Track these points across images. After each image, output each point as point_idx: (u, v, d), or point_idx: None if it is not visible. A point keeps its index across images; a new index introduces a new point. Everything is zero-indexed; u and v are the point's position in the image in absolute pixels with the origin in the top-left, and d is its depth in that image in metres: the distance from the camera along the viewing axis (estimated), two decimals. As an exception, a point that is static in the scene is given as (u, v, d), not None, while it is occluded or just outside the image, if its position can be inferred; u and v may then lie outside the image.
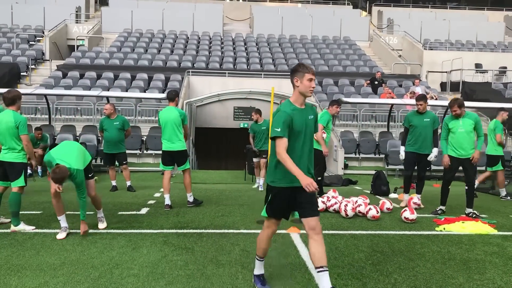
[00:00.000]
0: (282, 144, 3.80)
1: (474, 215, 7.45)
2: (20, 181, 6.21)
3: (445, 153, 7.68)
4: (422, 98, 8.19)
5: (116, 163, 10.10)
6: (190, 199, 8.09)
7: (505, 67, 23.13)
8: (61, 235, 5.80)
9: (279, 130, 3.79)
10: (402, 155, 8.37)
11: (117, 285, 4.18)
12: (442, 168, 8.04)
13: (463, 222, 6.81)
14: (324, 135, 8.78)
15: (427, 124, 8.03)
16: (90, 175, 6.22)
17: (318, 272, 3.78)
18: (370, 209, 7.19)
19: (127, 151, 10.48)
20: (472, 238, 6.13)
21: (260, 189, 10.46)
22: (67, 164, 5.63)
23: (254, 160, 10.84)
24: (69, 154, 5.75)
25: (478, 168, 9.37)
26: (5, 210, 6.69)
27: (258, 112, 10.61)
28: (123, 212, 7.45)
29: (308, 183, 3.63)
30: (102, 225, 6.42)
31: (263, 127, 10.41)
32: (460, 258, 5.23)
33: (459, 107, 7.46)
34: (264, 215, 4.14)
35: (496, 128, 10.03)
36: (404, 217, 7.05)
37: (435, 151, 8.12)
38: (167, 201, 7.90)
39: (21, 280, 4.28)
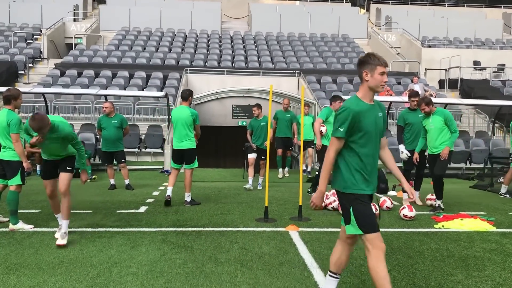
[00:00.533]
0: (338, 145, 3.45)
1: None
2: (17, 179, 6.18)
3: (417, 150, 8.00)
4: (416, 94, 8.25)
5: (115, 161, 10.10)
6: (188, 199, 8.08)
7: (504, 65, 23.14)
8: (61, 241, 5.32)
9: (342, 130, 3.38)
10: (405, 154, 8.20)
11: (116, 284, 4.17)
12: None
13: (461, 220, 6.81)
14: (324, 129, 8.75)
15: (421, 121, 8.06)
16: (68, 168, 5.73)
17: (332, 277, 3.81)
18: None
19: (125, 150, 10.47)
20: (471, 235, 6.13)
21: (259, 187, 10.35)
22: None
23: (249, 156, 10.39)
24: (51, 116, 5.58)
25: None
26: (3, 209, 6.67)
27: (260, 107, 10.46)
28: (122, 211, 7.44)
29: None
30: (62, 241, 5.33)
31: (262, 123, 10.24)
32: (459, 255, 5.23)
33: (426, 105, 7.61)
34: (358, 232, 3.50)
35: None
36: (403, 214, 7.06)
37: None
38: (169, 192, 7.96)
39: (20, 279, 4.27)
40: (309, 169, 12.54)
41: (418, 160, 8.00)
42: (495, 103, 15.64)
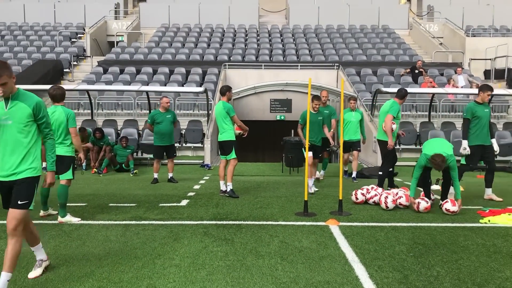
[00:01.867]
0: None
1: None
2: (68, 174, 6.48)
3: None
4: (490, 88, 7.95)
5: (165, 155, 10.30)
6: (227, 187, 8.30)
7: (554, 53, 22.05)
8: (34, 273, 4.23)
9: None
10: (467, 149, 7.87)
11: (160, 275, 4.28)
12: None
13: (509, 214, 6.58)
14: (394, 126, 8.31)
15: (488, 114, 7.88)
16: (20, 202, 3.85)
17: None
18: (419, 202, 7.05)
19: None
20: (519, 231, 5.92)
21: (312, 190, 8.75)
22: None
23: (309, 155, 8.47)
24: None
25: None
26: (52, 202, 6.95)
27: (318, 98, 8.86)
28: (164, 204, 7.60)
29: None
30: (33, 273, 4.23)
31: (319, 118, 8.84)
32: (507, 251, 5.06)
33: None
34: None
35: None
36: (445, 208, 6.89)
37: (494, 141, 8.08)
38: (222, 187, 8.43)
39: (69, 269, 4.45)
40: (354, 174, 10.71)
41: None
42: (546, 93, 14.94)
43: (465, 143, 7.91)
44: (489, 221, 6.41)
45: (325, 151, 10.10)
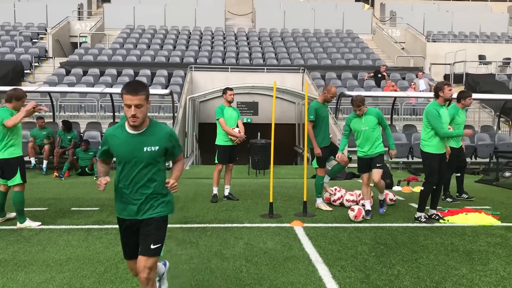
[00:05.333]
0: None
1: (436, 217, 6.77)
2: (17, 179, 6.06)
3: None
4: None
5: None
6: (225, 191, 8.38)
7: (509, 58, 22.99)
8: None
9: None
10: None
11: (123, 280, 4.23)
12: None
13: (466, 214, 6.82)
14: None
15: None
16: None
17: None
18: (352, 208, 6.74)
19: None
20: (476, 230, 6.14)
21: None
22: None
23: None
24: None
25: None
26: (9, 207, 6.74)
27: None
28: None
29: None
30: None
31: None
32: (464, 249, 5.25)
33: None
34: None
35: None
36: (389, 199, 7.70)
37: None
38: (226, 192, 8.38)
39: (28, 275, 4.33)
40: (368, 206, 6.98)
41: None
42: (501, 97, 15.56)
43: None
44: (447, 220, 6.63)
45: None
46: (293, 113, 19.69)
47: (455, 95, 7.60)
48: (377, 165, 6.86)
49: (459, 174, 8.47)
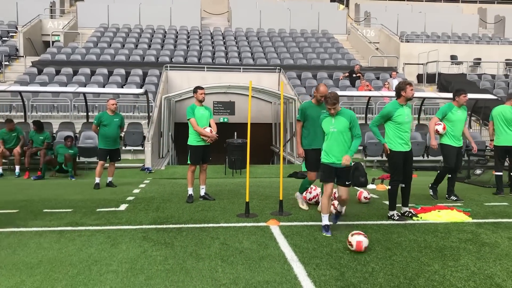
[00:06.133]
0: None
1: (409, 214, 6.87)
2: None
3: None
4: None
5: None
6: (201, 191, 8.30)
7: (480, 59, 23.56)
8: None
9: None
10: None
11: (96, 282, 4.16)
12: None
13: (439, 211, 6.95)
14: (440, 127, 8.21)
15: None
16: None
17: None
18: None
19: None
20: (448, 226, 6.26)
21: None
22: None
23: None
24: None
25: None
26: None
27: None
28: (102, 209, 7.38)
29: None
30: None
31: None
32: (436, 246, 5.34)
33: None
34: None
35: None
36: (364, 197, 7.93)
37: None
38: (201, 192, 8.26)
39: (-3, 279, 4.22)
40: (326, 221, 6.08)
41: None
42: (472, 96, 15.85)
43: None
44: (420, 218, 6.74)
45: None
46: (269, 112, 19.73)
47: (418, 94, 7.78)
48: (347, 183, 5.93)
49: (450, 176, 8.45)
